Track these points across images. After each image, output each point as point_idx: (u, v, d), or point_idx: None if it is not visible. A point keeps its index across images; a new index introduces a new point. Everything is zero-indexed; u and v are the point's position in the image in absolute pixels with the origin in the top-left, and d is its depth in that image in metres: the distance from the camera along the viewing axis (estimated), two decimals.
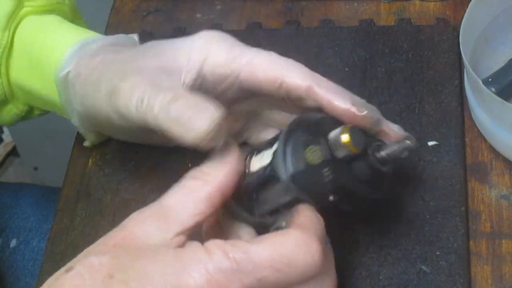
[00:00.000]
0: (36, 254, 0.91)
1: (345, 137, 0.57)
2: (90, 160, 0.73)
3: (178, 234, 0.54)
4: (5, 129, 1.74)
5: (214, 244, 0.52)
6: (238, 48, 0.64)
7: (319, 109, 0.62)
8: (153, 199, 0.70)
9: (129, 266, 0.51)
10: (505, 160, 0.69)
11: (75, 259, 0.53)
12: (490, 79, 0.71)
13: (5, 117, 0.76)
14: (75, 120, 0.70)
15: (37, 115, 0.77)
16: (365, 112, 0.60)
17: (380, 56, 0.76)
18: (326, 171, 0.57)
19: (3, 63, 0.71)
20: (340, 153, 0.57)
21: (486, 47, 0.73)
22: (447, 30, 0.77)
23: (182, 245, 0.53)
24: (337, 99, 0.61)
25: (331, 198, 0.57)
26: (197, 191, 0.55)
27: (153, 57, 0.64)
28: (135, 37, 0.72)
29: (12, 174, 1.76)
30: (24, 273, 0.91)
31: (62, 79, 0.67)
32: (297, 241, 0.53)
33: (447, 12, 0.79)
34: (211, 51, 0.63)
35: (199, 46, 0.64)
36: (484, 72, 0.72)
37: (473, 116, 0.71)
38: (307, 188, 0.57)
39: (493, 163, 0.69)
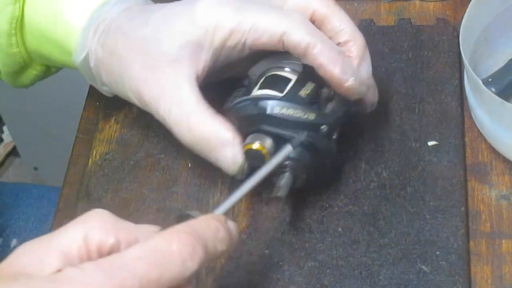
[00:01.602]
0: None
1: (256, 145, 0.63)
2: (90, 160, 0.73)
3: (57, 263, 0.50)
4: (5, 129, 1.73)
5: (88, 263, 0.50)
6: (240, 10, 0.64)
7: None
8: (153, 199, 0.70)
9: None
10: (505, 160, 0.69)
11: None
12: (490, 79, 0.71)
13: (25, 80, 0.76)
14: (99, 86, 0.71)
15: (54, 73, 0.78)
16: (349, 84, 0.63)
17: (380, 56, 0.76)
18: None
19: (18, 34, 0.71)
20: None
21: (486, 47, 0.73)
22: (447, 30, 0.77)
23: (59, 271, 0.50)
24: (327, 64, 0.63)
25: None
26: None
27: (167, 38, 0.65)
28: None
29: (12, 174, 1.76)
30: None
31: (82, 63, 0.69)
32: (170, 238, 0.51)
33: (447, 12, 0.79)
34: (218, 24, 0.64)
35: (204, 22, 0.64)
36: (484, 72, 0.72)
37: (473, 116, 0.71)
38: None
39: (493, 163, 0.69)
